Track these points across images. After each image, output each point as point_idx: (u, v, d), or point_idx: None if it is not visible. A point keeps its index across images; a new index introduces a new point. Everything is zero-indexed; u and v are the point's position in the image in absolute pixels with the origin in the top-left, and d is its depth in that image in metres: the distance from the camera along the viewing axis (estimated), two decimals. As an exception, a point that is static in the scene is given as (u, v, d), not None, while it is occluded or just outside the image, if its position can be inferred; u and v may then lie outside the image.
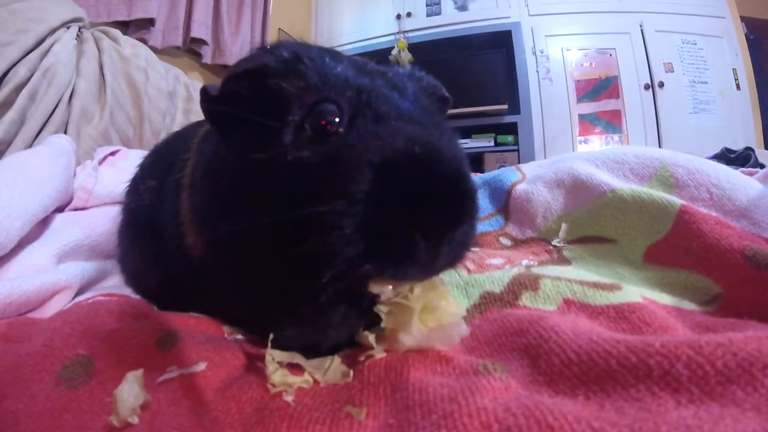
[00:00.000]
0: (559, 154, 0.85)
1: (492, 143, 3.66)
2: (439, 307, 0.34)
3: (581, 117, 3.61)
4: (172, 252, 0.40)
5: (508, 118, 3.66)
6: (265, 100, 0.33)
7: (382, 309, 0.35)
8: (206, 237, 0.37)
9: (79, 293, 0.60)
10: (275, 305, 0.35)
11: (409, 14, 3.90)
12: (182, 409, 0.29)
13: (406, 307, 0.35)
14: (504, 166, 0.88)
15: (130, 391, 0.29)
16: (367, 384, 0.31)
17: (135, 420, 0.28)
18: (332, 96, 0.32)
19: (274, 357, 0.33)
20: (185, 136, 0.48)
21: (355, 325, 0.36)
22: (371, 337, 0.35)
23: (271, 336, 0.34)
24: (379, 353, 0.35)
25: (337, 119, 0.31)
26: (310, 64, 0.33)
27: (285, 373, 0.33)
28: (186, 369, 0.33)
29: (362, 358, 0.35)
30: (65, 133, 1.05)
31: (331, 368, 0.34)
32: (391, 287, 0.33)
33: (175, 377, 0.32)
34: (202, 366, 0.33)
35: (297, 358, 0.34)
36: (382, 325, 0.35)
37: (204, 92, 0.35)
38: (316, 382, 0.33)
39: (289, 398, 0.30)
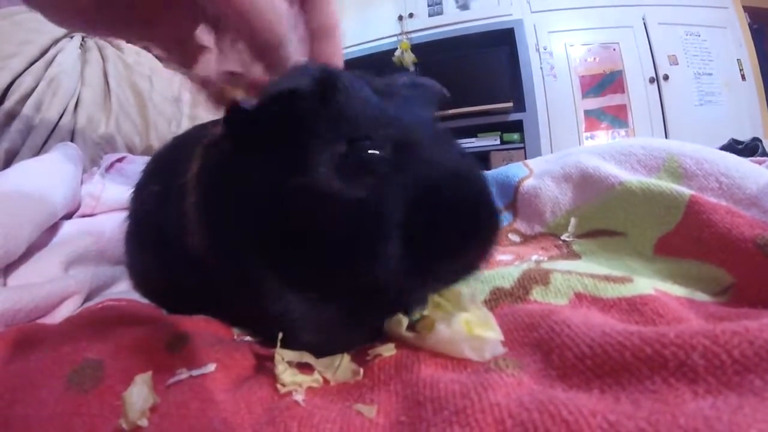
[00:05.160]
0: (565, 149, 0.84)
1: (498, 141, 3.66)
2: (489, 321, 0.34)
3: (587, 113, 3.60)
4: (178, 257, 0.40)
5: (514, 116, 3.66)
6: (297, 124, 0.32)
7: (434, 297, 0.35)
8: (219, 249, 0.36)
9: (87, 299, 0.60)
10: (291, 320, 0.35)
11: (411, 15, 3.90)
12: (192, 410, 0.29)
13: (460, 306, 0.35)
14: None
15: (139, 394, 0.29)
16: (377, 382, 0.31)
17: (144, 422, 0.28)
18: (368, 132, 0.32)
19: (283, 357, 0.33)
20: (188, 140, 0.48)
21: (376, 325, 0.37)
22: (404, 321, 0.35)
23: (281, 335, 0.33)
24: (388, 351, 0.34)
25: (374, 153, 0.31)
26: (344, 92, 0.33)
27: (294, 373, 0.32)
28: (195, 371, 0.33)
29: (369, 357, 0.34)
30: (71, 141, 1.06)
31: (341, 367, 0.34)
32: None
33: (185, 379, 0.32)
34: (211, 368, 0.33)
35: (306, 357, 0.34)
36: (425, 312, 0.36)
37: (235, 107, 0.34)
38: (326, 381, 0.33)
39: (299, 398, 0.30)
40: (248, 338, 0.42)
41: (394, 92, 0.36)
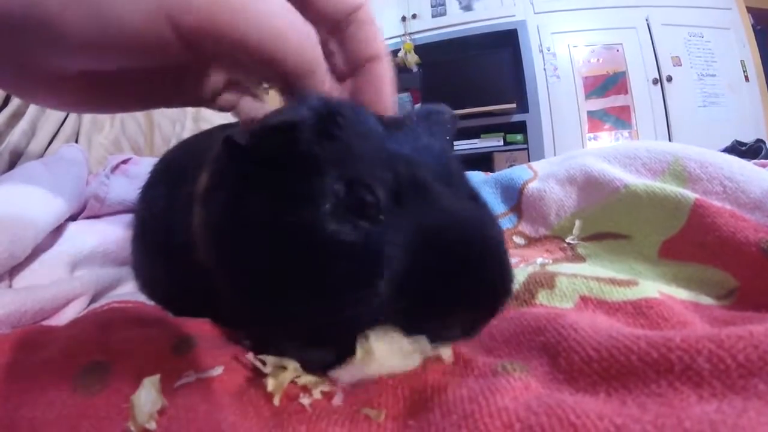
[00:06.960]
0: (569, 151, 0.84)
1: (501, 142, 3.67)
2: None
3: (590, 114, 3.60)
4: (184, 261, 0.40)
5: (517, 117, 3.65)
6: (295, 159, 0.31)
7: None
8: (221, 264, 0.36)
9: (93, 300, 0.60)
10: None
11: (414, 16, 3.90)
12: (200, 413, 0.29)
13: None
14: (514, 165, 0.87)
15: (147, 397, 0.29)
16: (384, 386, 0.31)
17: (153, 425, 0.28)
18: (369, 172, 0.30)
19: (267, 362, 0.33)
20: (197, 146, 0.48)
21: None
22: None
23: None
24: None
25: (374, 199, 0.30)
26: (345, 128, 0.31)
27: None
28: (203, 374, 0.33)
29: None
30: (76, 142, 1.06)
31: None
32: None
33: (192, 382, 0.32)
34: (219, 370, 0.33)
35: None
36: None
37: (230, 143, 0.32)
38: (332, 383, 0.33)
39: (307, 401, 0.30)
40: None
41: (404, 124, 0.35)
